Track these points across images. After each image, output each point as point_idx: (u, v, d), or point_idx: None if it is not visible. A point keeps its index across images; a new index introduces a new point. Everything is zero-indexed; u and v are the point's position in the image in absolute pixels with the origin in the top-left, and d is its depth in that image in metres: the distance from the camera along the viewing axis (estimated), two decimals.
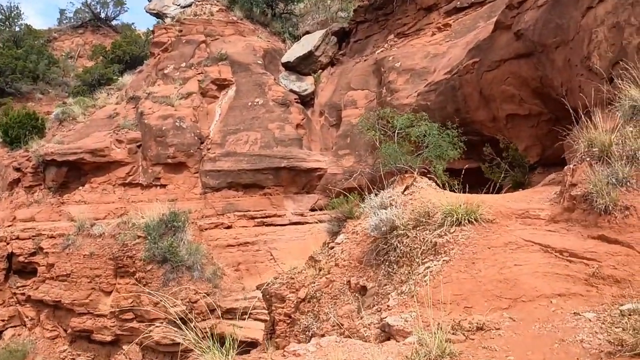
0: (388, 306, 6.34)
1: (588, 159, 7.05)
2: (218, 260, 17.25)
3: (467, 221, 7.19)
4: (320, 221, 17.34)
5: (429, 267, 6.64)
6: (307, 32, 28.52)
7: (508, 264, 6.25)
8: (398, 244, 7.48)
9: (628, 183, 6.38)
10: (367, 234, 8.15)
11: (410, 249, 7.31)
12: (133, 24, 59.42)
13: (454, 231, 7.10)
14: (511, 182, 14.26)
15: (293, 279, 9.77)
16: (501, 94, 14.69)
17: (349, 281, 8.24)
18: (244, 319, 15.18)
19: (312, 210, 20.96)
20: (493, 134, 15.67)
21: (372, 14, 25.59)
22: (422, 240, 7.29)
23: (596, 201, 6.36)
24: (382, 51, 23.63)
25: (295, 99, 23.79)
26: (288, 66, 26.22)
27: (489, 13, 20.40)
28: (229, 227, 19.82)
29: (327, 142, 23.24)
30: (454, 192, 10.82)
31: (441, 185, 10.45)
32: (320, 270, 9.16)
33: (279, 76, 25.61)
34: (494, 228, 7.17)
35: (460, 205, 7.42)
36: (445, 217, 7.33)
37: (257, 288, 10.96)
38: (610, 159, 6.74)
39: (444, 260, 6.59)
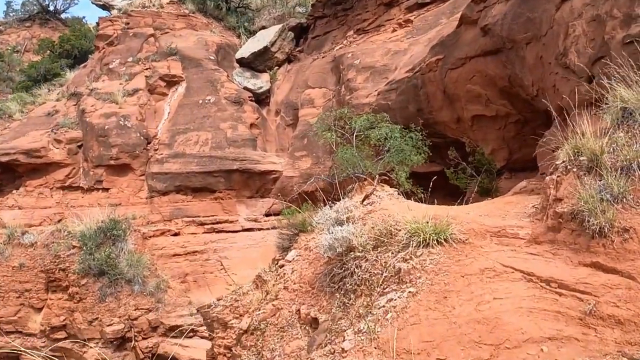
0: (343, 349, 5.21)
1: (575, 170, 6.06)
2: (163, 272, 15.88)
3: (435, 242, 6.11)
4: (276, 227, 16.15)
5: (392, 300, 5.53)
6: (263, 27, 27.25)
7: (486, 297, 5.19)
8: (355, 269, 6.36)
9: (624, 199, 5.40)
10: (321, 253, 7.01)
11: (369, 275, 6.20)
12: (84, 17, 57.05)
13: (420, 254, 6.02)
14: (477, 188, 13.35)
15: (238, 301, 8.58)
16: (466, 93, 13.77)
17: (298, 310, 7.09)
18: (190, 337, 13.89)
19: (267, 215, 19.76)
20: (457, 136, 14.76)
21: (331, 10, 24.56)
22: (383, 264, 6.18)
23: (588, 221, 5.36)
24: (341, 48, 22.61)
25: (249, 97, 22.52)
26: (242, 62, 24.95)
27: (451, 9, 19.56)
28: (176, 234, 18.42)
29: (283, 143, 22.06)
30: (419, 201, 9.81)
31: (404, 194, 9.40)
32: (267, 293, 7.98)
33: (232, 73, 24.29)
34: (467, 250, 6.12)
35: (428, 222, 6.34)
36: (410, 236, 6.24)
37: (198, 311, 9.75)
38: (601, 169, 5.75)
39: (409, 292, 5.49)
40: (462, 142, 14.11)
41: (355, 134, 10.34)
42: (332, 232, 6.74)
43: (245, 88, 23.41)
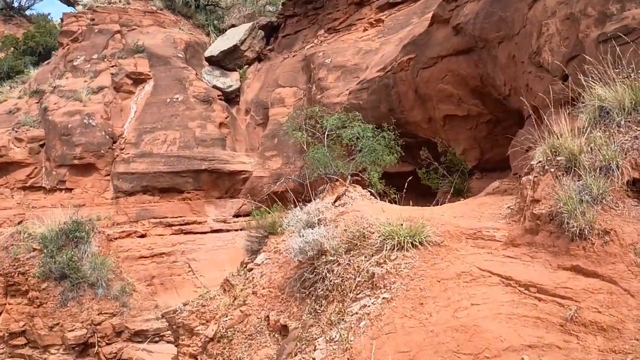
0: (314, 359, 4.93)
1: (553, 170, 5.90)
2: (128, 275, 15.37)
3: (410, 245, 5.88)
4: (245, 229, 15.78)
5: (365, 307, 5.29)
6: (233, 26, 26.79)
7: (464, 303, 4.97)
8: (327, 273, 6.10)
9: (604, 200, 5.25)
10: (291, 257, 6.72)
11: (342, 280, 5.94)
12: (49, 14, 55.50)
13: (395, 258, 5.78)
14: (449, 189, 13.22)
15: (204, 306, 8.24)
16: (438, 93, 13.63)
17: (267, 317, 6.79)
18: (157, 342, 13.46)
19: (236, 216, 19.37)
20: (429, 136, 14.63)
21: (302, 8, 24.27)
22: (356, 269, 5.93)
23: (567, 223, 5.19)
24: (311, 47, 22.34)
25: (218, 95, 22.08)
26: (212, 61, 24.46)
27: (422, 9, 19.48)
28: (143, 236, 17.90)
29: (253, 143, 21.69)
30: (392, 202, 9.61)
31: (377, 195, 9.18)
32: (235, 298, 7.66)
33: (201, 71, 23.80)
34: (442, 253, 5.91)
35: (402, 225, 6.11)
36: (384, 239, 6.00)
37: (163, 316, 9.39)
38: (580, 170, 5.60)
39: (384, 299, 5.24)
40: (434, 142, 13.98)
41: (326, 133, 10.08)
42: (303, 235, 6.46)
43: (215, 87, 22.95)
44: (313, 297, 6.12)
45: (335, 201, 8.95)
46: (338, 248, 6.24)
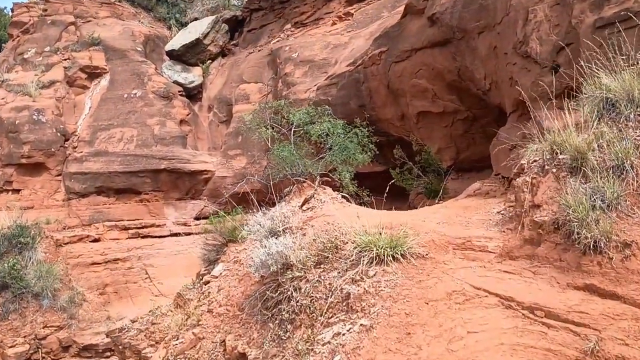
0: None
1: (555, 170, 5.09)
2: (78, 283, 14.18)
3: (391, 258, 5.01)
4: (208, 231, 14.73)
5: (339, 335, 4.39)
6: (196, 19, 25.67)
7: (458, 331, 4.12)
8: (294, 292, 5.18)
9: (619, 206, 4.44)
10: (252, 272, 5.77)
11: (311, 301, 5.03)
12: (5, 8, 53.21)
13: (374, 274, 4.90)
14: (424, 190, 12.44)
15: (155, 324, 7.28)
16: (412, 88, 12.85)
17: (223, 341, 5.83)
18: (108, 358, 12.31)
19: (198, 219, 18.30)
20: (402, 135, 13.84)
21: (268, 2, 23.35)
22: (328, 287, 5.03)
23: (578, 233, 4.38)
24: (278, 41, 21.45)
25: (179, 91, 20.95)
26: (173, 55, 23.33)
27: (393, 2, 18.74)
28: (96, 240, 16.68)
29: (216, 141, 20.62)
30: (364, 205, 8.76)
31: (349, 198, 8.31)
32: (188, 316, 6.68)
33: (162, 66, 22.66)
34: (428, 267, 5.05)
35: (381, 234, 5.22)
36: (360, 251, 5.11)
37: (107, 336, 8.35)
38: (587, 170, 4.79)
39: (362, 326, 4.36)
40: (408, 140, 13.18)
41: (293, 129, 9.17)
42: (266, 246, 5.53)
43: (176, 82, 21.81)
44: (277, 321, 5.20)
45: (302, 205, 8.05)
46: (306, 261, 5.33)
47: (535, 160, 5.85)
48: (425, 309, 4.39)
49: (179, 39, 23.74)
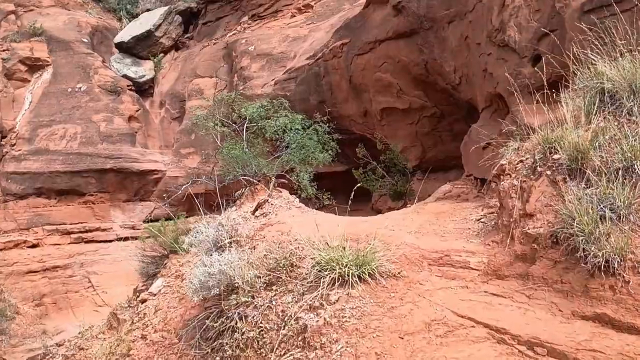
0: None
1: (549, 173, 4.30)
2: (11, 294, 12.89)
3: (357, 279, 4.14)
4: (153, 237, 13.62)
5: None
6: (148, 10, 24.35)
7: None
8: (239, 321, 4.25)
9: (631, 216, 3.67)
10: (189, 295, 4.82)
11: (260, 333, 4.12)
12: None
13: (336, 299, 4.03)
14: (388, 191, 11.65)
15: (83, 349, 6.27)
16: (375, 83, 12.06)
17: None
18: None
19: (147, 221, 17.05)
20: (365, 133, 13.04)
21: None
22: (280, 315, 4.13)
23: (584, 250, 3.59)
24: (234, 34, 20.40)
25: (128, 86, 19.65)
26: (122, 47, 21.96)
27: None
28: (34, 246, 15.34)
29: (168, 139, 19.44)
30: (323, 210, 7.91)
31: (311, 202, 7.43)
32: (119, 343, 5.67)
33: (110, 59, 21.31)
34: (401, 289, 4.21)
35: (345, 248, 4.34)
36: (320, 271, 4.22)
37: None
38: (589, 172, 4.02)
39: None
40: (370, 139, 12.38)
41: (246, 125, 8.24)
42: (206, 264, 4.59)
43: (125, 76, 20.50)
44: (218, 357, 4.27)
45: (255, 210, 7.14)
46: (254, 283, 4.41)
47: (521, 161, 5.07)
48: (400, 345, 3.53)
49: (129, 31, 22.40)
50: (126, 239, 16.41)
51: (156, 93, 21.17)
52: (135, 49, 21.97)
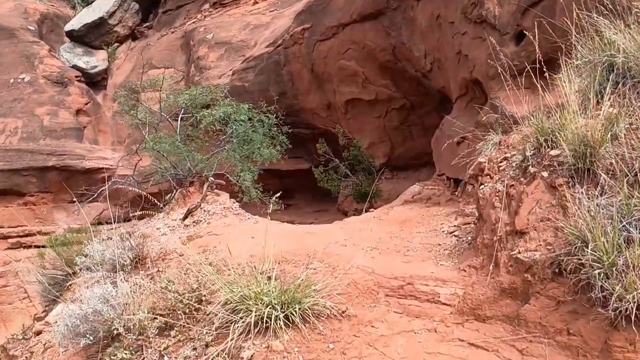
0: None
1: (546, 175, 3.17)
2: None
3: (283, 323, 2.95)
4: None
5: None
6: None
7: None
8: None
9: None
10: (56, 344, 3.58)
11: None
12: None
13: (250, 356, 2.82)
14: (352, 192, 10.50)
15: None
16: (339, 71, 10.93)
17: None
18: None
19: (96, 224, 15.63)
20: (329, 127, 11.86)
21: None
22: None
23: (603, 288, 2.46)
24: (193, 22, 19.09)
25: (76, 76, 18.17)
26: (73, 36, 20.49)
27: None
28: None
29: (121, 134, 18.01)
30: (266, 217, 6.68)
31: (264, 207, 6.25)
32: None
33: (60, 48, 19.81)
34: (345, 336, 3.06)
35: (270, 279, 3.17)
36: (233, 311, 3.02)
37: None
38: (601, 173, 2.90)
39: None
40: (336, 134, 11.18)
41: (180, 115, 7.01)
42: (83, 300, 3.36)
43: (75, 67, 19.03)
44: None
45: (185, 217, 5.91)
46: (143, 328, 3.20)
47: (505, 158, 3.95)
48: None
49: (81, 18, 20.92)
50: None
51: (109, 85, 19.75)
52: (88, 37, 20.54)
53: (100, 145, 17.34)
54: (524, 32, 5.66)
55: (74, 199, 15.73)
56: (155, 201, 6.90)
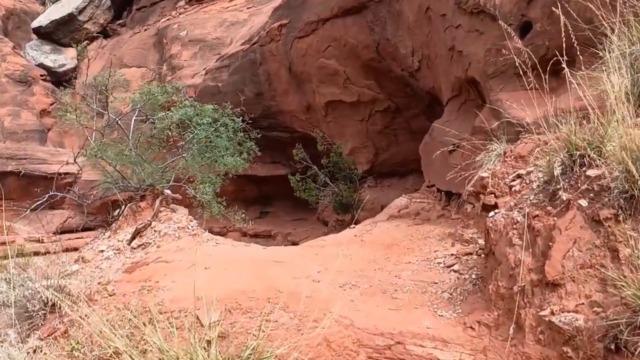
0: None
1: (585, 204, 2.32)
2: None
3: None
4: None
5: None
6: None
7: None
8: None
9: None
10: None
11: None
12: None
13: None
14: (333, 201, 9.63)
15: None
16: (319, 71, 10.09)
17: None
18: None
19: (60, 233, 14.66)
20: (309, 130, 10.98)
21: None
22: None
23: None
24: (167, 19, 18.16)
25: (42, 75, 17.13)
26: (41, 33, 19.50)
27: None
28: None
29: (91, 137, 16.93)
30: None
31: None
32: None
33: (26, 46, 18.78)
34: None
35: (210, 343, 2.28)
36: None
37: None
38: None
39: None
40: (314, 137, 10.29)
41: (134, 117, 6.13)
42: None
43: (41, 65, 18.02)
44: None
45: (133, 238, 5.01)
46: None
47: (519, 176, 3.12)
48: None
49: (50, 14, 19.94)
50: (36, 254, 13.96)
51: (78, 85, 18.67)
52: (56, 34, 19.52)
53: (67, 148, 16.28)
54: (530, 23, 4.86)
55: (34, 207, 14.71)
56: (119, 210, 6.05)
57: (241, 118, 6.33)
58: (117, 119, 6.11)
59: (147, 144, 6.32)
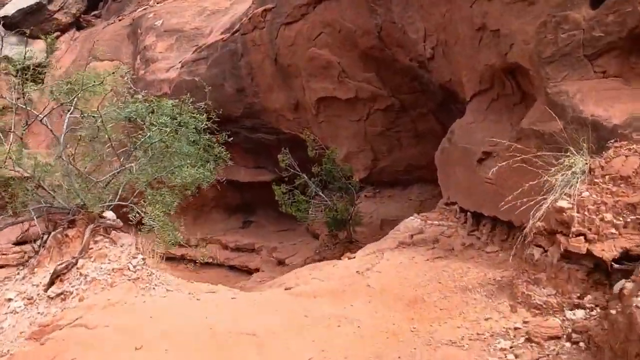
0: None
1: None
2: None
3: None
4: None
5: None
6: None
7: None
8: None
9: None
10: None
11: None
12: None
13: None
14: (325, 218, 8.19)
15: None
16: (309, 62, 8.81)
17: None
18: None
19: (20, 244, 13.30)
20: (297, 132, 9.62)
21: None
22: None
23: None
24: (144, 9, 16.82)
25: (3, 69, 15.71)
26: (7, 23, 18.14)
27: None
28: None
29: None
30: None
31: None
32: None
33: None
34: None
35: None
36: None
37: None
38: None
39: None
40: (304, 140, 8.90)
41: (68, 116, 4.77)
42: None
43: (6, 58, 16.60)
44: None
45: (51, 283, 3.58)
46: None
47: (631, 207, 1.74)
48: None
49: (17, 3, 18.59)
50: None
51: (48, 80, 17.27)
52: (24, 25, 18.15)
53: (31, 148, 14.82)
54: None
55: None
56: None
57: (205, 115, 4.91)
58: (42, 117, 4.69)
59: (93, 150, 4.90)
